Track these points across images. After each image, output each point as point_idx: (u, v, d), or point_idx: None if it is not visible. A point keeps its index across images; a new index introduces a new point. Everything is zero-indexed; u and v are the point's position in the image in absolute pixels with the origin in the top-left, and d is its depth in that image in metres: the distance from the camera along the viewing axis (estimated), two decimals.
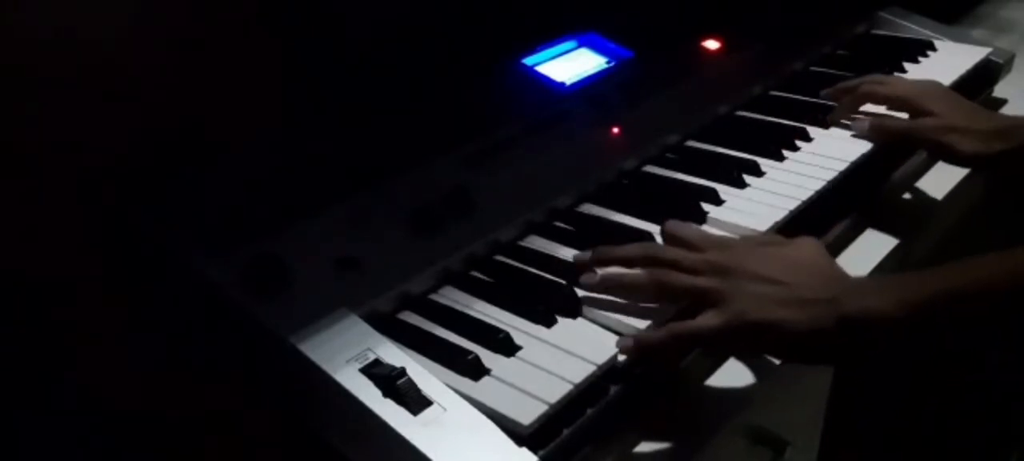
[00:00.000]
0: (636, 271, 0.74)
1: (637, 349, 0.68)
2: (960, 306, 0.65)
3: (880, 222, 0.93)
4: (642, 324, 0.70)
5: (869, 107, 1.04)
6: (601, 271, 0.74)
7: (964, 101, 0.99)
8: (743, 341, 0.68)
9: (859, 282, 0.71)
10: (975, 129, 0.92)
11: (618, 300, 0.73)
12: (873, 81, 1.04)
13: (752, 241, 0.77)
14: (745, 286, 0.68)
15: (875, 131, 0.98)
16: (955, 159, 0.94)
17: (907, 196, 1.02)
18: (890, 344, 0.66)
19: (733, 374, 0.73)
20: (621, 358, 0.68)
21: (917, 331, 0.65)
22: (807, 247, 0.73)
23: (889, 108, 1.01)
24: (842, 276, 0.70)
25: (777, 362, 0.74)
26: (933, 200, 1.02)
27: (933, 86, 1.02)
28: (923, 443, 1.37)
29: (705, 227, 0.83)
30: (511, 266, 0.79)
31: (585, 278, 0.74)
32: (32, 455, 0.72)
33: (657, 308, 0.72)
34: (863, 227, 0.93)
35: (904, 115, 1.00)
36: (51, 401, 0.71)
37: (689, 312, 0.70)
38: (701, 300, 0.69)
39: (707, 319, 0.67)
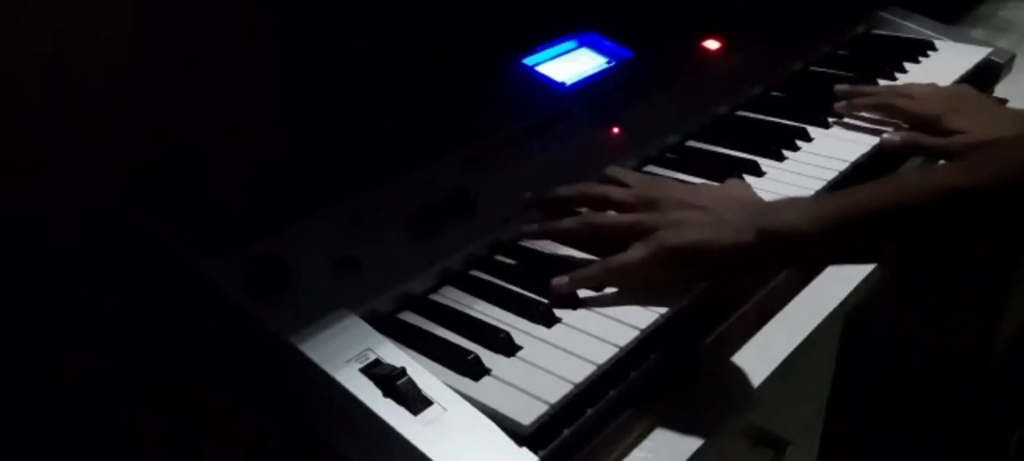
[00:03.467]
0: (570, 219, 0.78)
1: (571, 283, 0.72)
2: (879, 219, 0.67)
3: None
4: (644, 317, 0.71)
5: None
6: (541, 225, 0.79)
7: (984, 103, 0.99)
8: (670, 266, 0.70)
9: (778, 201, 0.74)
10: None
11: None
12: (893, 92, 1.04)
13: (682, 182, 0.84)
14: (670, 214, 0.72)
15: (908, 147, 0.98)
16: None
17: None
18: (809, 257, 0.71)
19: (734, 374, 0.73)
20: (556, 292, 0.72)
21: (835, 243, 0.68)
22: (732, 183, 0.79)
23: (913, 126, 1.00)
24: (762, 201, 0.74)
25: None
26: None
27: (952, 97, 1.01)
28: (923, 442, 1.37)
29: None
30: (511, 266, 0.79)
31: (526, 228, 0.80)
32: (31, 455, 0.72)
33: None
34: None
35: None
36: (51, 401, 0.71)
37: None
38: (627, 235, 0.72)
39: (635, 251, 0.71)
